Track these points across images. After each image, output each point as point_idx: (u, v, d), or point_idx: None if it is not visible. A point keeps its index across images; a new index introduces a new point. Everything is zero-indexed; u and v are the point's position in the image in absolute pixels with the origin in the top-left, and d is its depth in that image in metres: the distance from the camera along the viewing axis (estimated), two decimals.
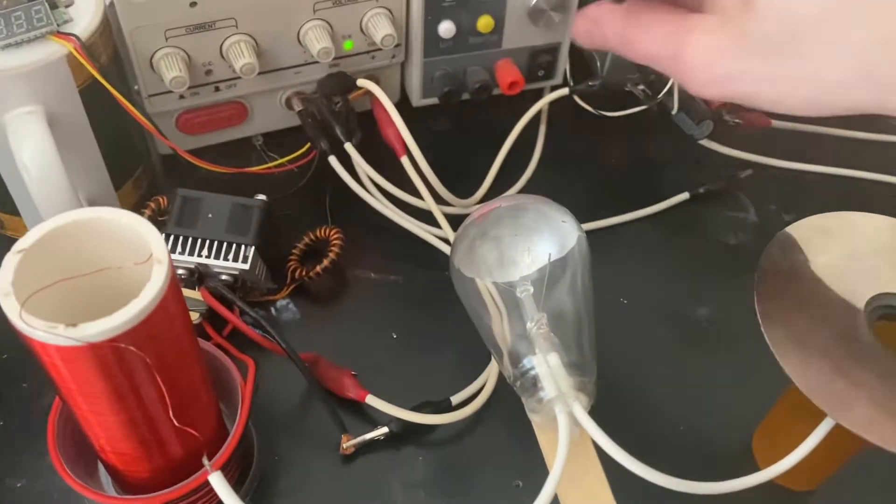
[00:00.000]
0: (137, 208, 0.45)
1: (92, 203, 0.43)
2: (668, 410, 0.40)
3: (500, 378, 0.40)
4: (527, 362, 0.30)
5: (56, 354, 0.26)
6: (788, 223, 0.50)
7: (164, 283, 0.26)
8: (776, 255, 0.35)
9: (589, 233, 0.47)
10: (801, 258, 0.35)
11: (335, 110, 0.46)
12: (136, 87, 0.44)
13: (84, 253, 0.28)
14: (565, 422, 0.29)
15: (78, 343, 0.25)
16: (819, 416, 0.31)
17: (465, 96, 0.50)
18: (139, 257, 0.28)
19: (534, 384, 0.30)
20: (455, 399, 0.39)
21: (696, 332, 0.44)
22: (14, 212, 0.43)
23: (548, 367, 0.29)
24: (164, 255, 0.27)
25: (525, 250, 0.33)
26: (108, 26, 0.40)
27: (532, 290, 0.32)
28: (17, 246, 0.27)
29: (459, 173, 0.48)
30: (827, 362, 0.31)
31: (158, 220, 0.42)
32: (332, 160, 0.45)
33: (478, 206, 0.48)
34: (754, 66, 0.26)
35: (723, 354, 0.43)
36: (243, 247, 0.40)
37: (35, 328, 0.25)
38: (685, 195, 0.50)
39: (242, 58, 0.43)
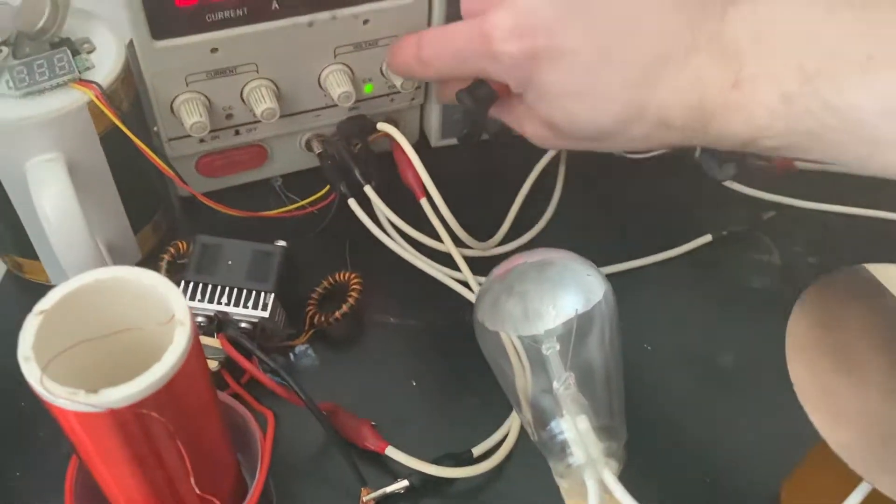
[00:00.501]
0: (156, 252, 0.45)
1: (111, 248, 0.43)
2: (694, 462, 0.40)
3: (523, 429, 0.39)
4: (555, 426, 0.29)
5: (75, 420, 0.26)
6: (812, 266, 0.49)
7: (187, 347, 0.26)
8: (810, 304, 0.35)
9: (610, 276, 0.47)
10: (838, 309, 0.34)
11: (354, 153, 0.46)
12: (154, 129, 0.44)
13: (105, 313, 0.28)
14: (595, 490, 0.28)
15: (99, 410, 0.25)
16: (854, 477, 0.30)
17: (485, 137, 0.50)
18: (161, 318, 0.27)
19: (562, 449, 0.29)
20: (476, 451, 0.39)
21: (721, 379, 0.43)
22: (32, 256, 0.43)
23: (577, 432, 0.29)
24: (186, 317, 0.27)
25: (550, 304, 0.32)
26: (130, 72, 0.40)
27: (558, 347, 0.31)
28: (37, 307, 0.27)
29: (478, 214, 0.48)
30: (863, 421, 0.30)
31: (178, 264, 0.42)
32: (352, 203, 0.45)
33: (501, 252, 0.47)
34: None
35: (749, 403, 0.42)
36: (263, 294, 0.40)
37: (56, 395, 0.24)
38: (708, 237, 0.49)
39: (263, 103, 0.42)
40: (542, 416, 0.31)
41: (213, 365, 0.39)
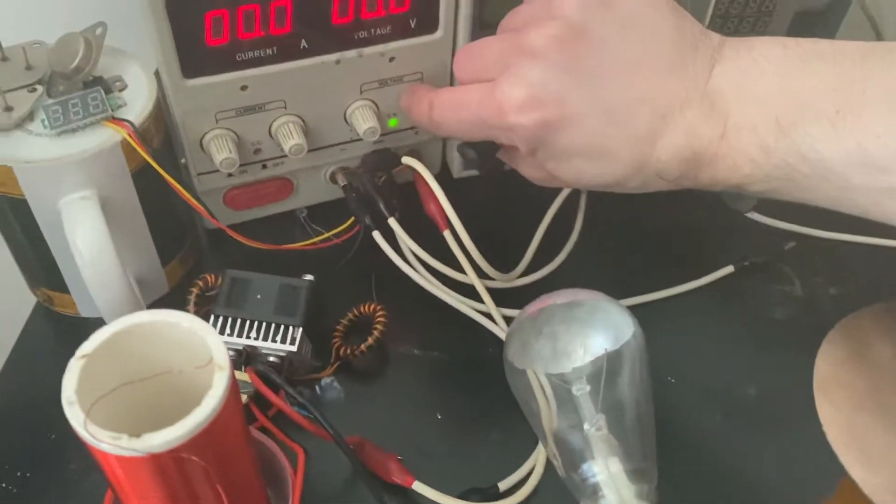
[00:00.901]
0: (183, 284, 0.46)
1: (140, 281, 0.43)
2: (721, 498, 0.40)
3: (549, 463, 0.39)
4: (586, 469, 0.30)
5: (116, 462, 0.26)
6: (834, 297, 0.49)
7: (226, 391, 0.26)
8: (837, 342, 0.35)
9: (632, 307, 0.47)
10: (866, 347, 0.34)
11: (378, 185, 0.47)
12: (182, 161, 0.45)
13: (145, 356, 0.28)
14: None
15: (140, 454, 0.25)
16: None
17: (507, 167, 0.50)
18: (199, 361, 0.28)
19: (594, 491, 0.29)
20: (503, 485, 0.39)
21: (745, 412, 0.43)
22: (63, 289, 0.43)
23: (609, 475, 0.29)
24: (225, 361, 0.27)
25: (580, 343, 0.33)
26: (161, 109, 0.41)
27: (589, 388, 0.31)
28: (80, 351, 0.27)
29: (501, 245, 0.48)
30: (894, 460, 0.30)
31: (206, 297, 0.43)
32: (377, 236, 0.45)
33: (524, 283, 0.48)
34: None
35: (775, 436, 0.42)
36: (291, 328, 0.40)
37: (100, 440, 0.25)
38: (730, 268, 0.49)
39: (291, 139, 0.43)
40: (572, 456, 0.31)
41: (241, 398, 0.40)
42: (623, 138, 0.36)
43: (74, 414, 0.26)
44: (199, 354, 0.28)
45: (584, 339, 0.33)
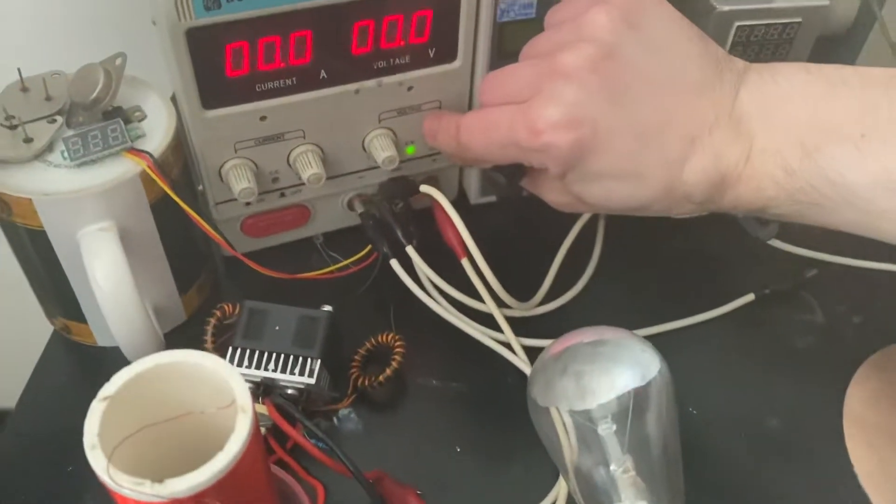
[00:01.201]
0: (200, 312, 0.46)
1: (157, 310, 0.43)
2: None
3: (570, 499, 0.38)
4: None
5: None
6: (857, 326, 0.49)
7: (249, 434, 0.26)
8: (867, 379, 0.34)
9: (652, 337, 0.46)
10: None
11: (396, 212, 0.47)
12: (200, 188, 0.45)
13: (167, 397, 0.28)
14: None
15: (163, 500, 0.25)
16: None
17: (524, 193, 0.50)
18: (222, 401, 0.27)
19: None
20: None
21: (770, 445, 0.42)
22: (81, 319, 0.43)
23: None
24: (248, 403, 0.27)
25: (605, 380, 0.32)
26: (180, 140, 0.41)
27: (615, 427, 0.31)
28: (102, 393, 0.27)
29: (519, 272, 0.48)
30: None
31: (225, 325, 0.42)
32: (395, 264, 0.45)
33: (542, 312, 0.47)
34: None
35: (801, 471, 0.41)
36: (309, 360, 0.40)
37: (122, 486, 0.25)
38: (750, 296, 0.49)
39: (310, 168, 0.43)
40: (597, 495, 0.31)
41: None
42: (654, 160, 0.36)
43: (97, 458, 0.25)
44: (222, 395, 0.27)
45: (609, 376, 0.33)
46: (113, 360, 0.43)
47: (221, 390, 0.27)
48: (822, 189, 0.33)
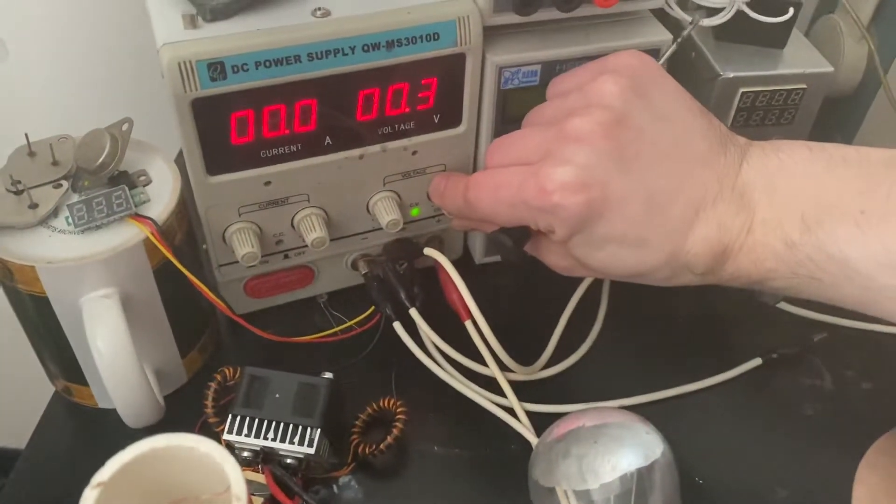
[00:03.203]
0: (201, 373, 0.45)
1: (158, 374, 0.43)
2: None
3: None
4: None
5: None
6: (867, 392, 0.48)
7: None
8: (879, 457, 0.34)
9: (657, 402, 0.46)
10: None
11: (400, 273, 0.46)
12: (204, 247, 0.45)
13: (162, 482, 0.28)
14: None
15: None
16: None
17: (529, 256, 0.50)
18: (217, 487, 0.27)
19: None
20: None
21: None
22: (82, 382, 0.43)
23: None
24: (242, 491, 0.26)
25: (608, 462, 0.32)
26: (184, 204, 0.41)
27: None
28: (95, 479, 0.27)
29: (523, 334, 0.47)
30: None
31: (226, 387, 0.42)
32: (398, 328, 0.45)
33: (545, 376, 0.47)
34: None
35: None
36: (309, 429, 0.39)
37: None
38: (757, 360, 0.48)
39: (314, 231, 0.43)
40: None
41: (257, 502, 0.39)
42: (659, 227, 0.36)
43: None
44: (217, 480, 0.27)
45: (612, 457, 0.32)
46: (113, 421, 0.42)
47: (216, 475, 0.27)
48: (821, 263, 0.33)
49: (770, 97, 0.45)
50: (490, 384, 0.45)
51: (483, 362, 0.45)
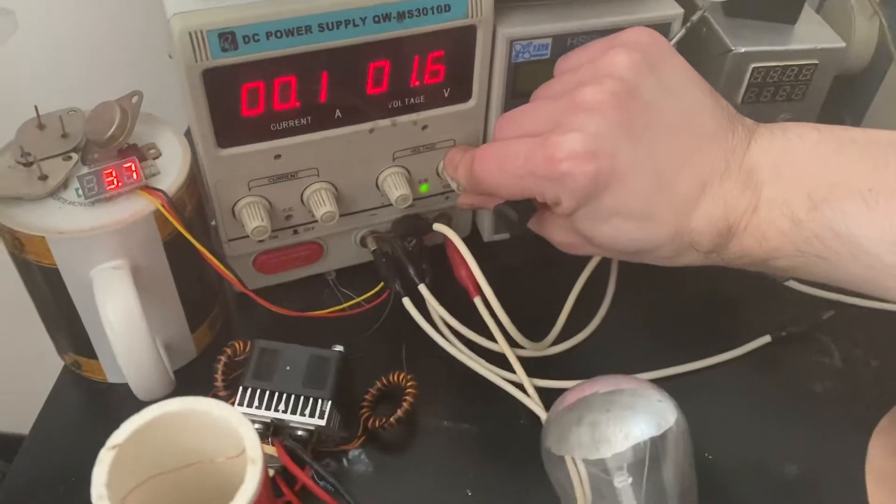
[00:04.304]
0: (211, 348, 0.45)
1: (168, 347, 0.43)
2: None
3: None
4: None
5: None
6: (875, 369, 0.48)
7: (258, 486, 0.26)
8: (890, 431, 0.33)
9: (666, 379, 0.46)
10: None
11: (409, 250, 0.46)
12: (212, 223, 0.45)
13: (176, 445, 0.28)
14: None
15: None
16: None
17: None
18: (231, 451, 0.27)
19: None
20: None
21: (786, 493, 0.42)
22: (92, 355, 0.43)
23: None
24: (258, 453, 0.26)
25: (620, 430, 0.32)
26: (194, 177, 0.41)
27: (631, 479, 0.30)
28: (110, 441, 0.27)
29: (532, 311, 0.47)
30: None
31: (235, 362, 0.42)
32: (407, 303, 0.45)
33: (555, 352, 0.47)
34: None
35: None
36: (320, 401, 0.39)
37: None
38: (766, 338, 0.48)
39: (323, 206, 0.43)
40: None
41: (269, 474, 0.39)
42: (666, 202, 0.35)
43: None
44: (232, 443, 0.27)
45: (624, 426, 0.32)
46: (122, 396, 0.42)
47: (230, 439, 0.27)
48: (827, 241, 0.33)
49: (781, 73, 0.45)
50: (499, 360, 0.45)
51: (492, 338, 0.45)
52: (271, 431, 0.40)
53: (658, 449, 0.32)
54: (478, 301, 0.45)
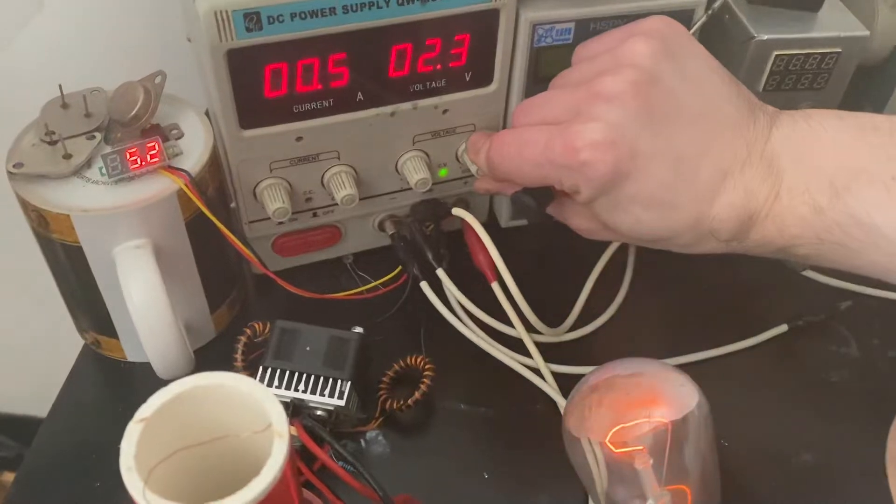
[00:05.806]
0: (230, 329, 0.46)
1: (188, 327, 0.43)
2: None
3: None
4: None
5: None
6: (892, 360, 0.48)
7: (285, 459, 0.26)
8: None
9: (683, 366, 0.46)
10: None
11: (427, 234, 0.47)
12: (232, 205, 0.45)
13: (203, 420, 0.28)
14: None
15: None
16: None
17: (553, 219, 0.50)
18: (257, 425, 0.27)
19: None
20: None
21: (803, 481, 0.42)
22: (112, 334, 0.43)
23: None
24: (284, 427, 0.26)
25: (640, 412, 0.32)
26: (216, 158, 0.41)
27: (651, 461, 0.30)
28: (139, 414, 0.27)
29: (549, 296, 0.47)
30: None
31: (254, 343, 0.42)
32: (425, 287, 0.45)
33: (572, 338, 0.47)
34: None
35: None
36: (339, 382, 0.40)
37: None
38: (784, 327, 0.48)
39: (343, 189, 0.43)
40: None
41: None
42: (686, 190, 0.35)
43: (133, 481, 0.25)
44: (258, 419, 0.27)
45: (645, 409, 0.32)
46: (142, 375, 0.43)
47: (256, 413, 0.27)
48: (848, 229, 0.33)
49: (804, 61, 0.45)
50: (517, 345, 0.46)
51: (510, 323, 0.45)
52: (290, 412, 0.40)
53: (679, 432, 0.32)
54: (495, 286, 0.45)
